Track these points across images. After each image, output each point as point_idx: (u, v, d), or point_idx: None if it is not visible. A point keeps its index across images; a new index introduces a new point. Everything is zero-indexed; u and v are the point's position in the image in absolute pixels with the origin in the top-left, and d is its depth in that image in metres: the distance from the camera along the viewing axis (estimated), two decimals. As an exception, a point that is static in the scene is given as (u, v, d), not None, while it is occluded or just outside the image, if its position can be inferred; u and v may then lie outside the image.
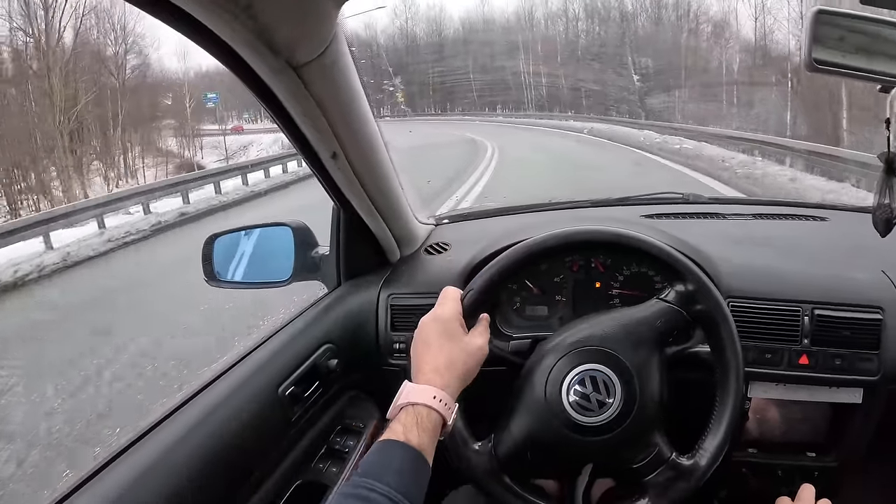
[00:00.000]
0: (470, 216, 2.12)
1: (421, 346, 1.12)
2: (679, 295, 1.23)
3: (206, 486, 1.08)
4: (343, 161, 1.33)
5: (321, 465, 1.39)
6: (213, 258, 1.63)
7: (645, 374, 1.18)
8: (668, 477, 1.17)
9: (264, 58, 0.99)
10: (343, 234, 1.61)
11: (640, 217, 1.83)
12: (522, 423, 1.20)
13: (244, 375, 1.28)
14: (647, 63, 36.82)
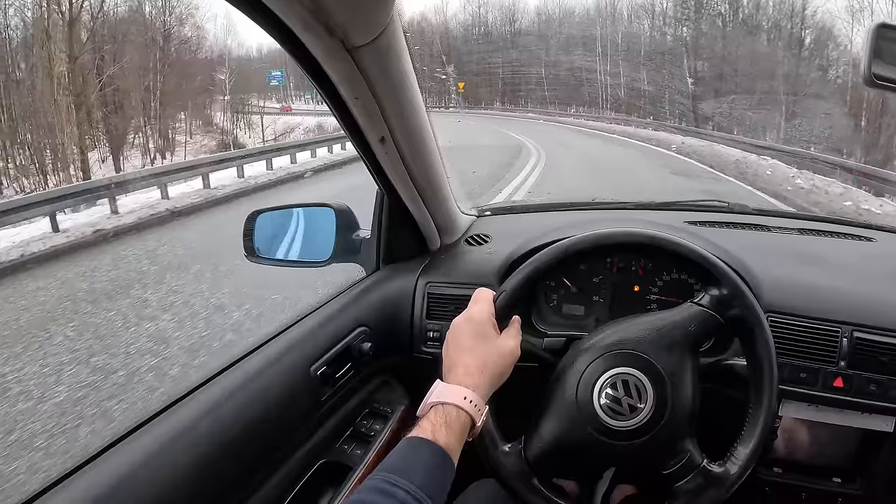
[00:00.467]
0: (513, 210, 2.12)
1: (453, 347, 1.12)
2: (713, 299, 1.21)
3: (235, 455, 1.10)
4: (391, 146, 1.33)
5: (346, 446, 1.41)
6: (255, 234, 1.65)
7: (677, 379, 1.17)
8: (699, 484, 1.15)
9: (321, 39, 0.99)
10: (385, 218, 1.62)
11: (684, 223, 1.81)
12: (553, 426, 1.19)
13: (278, 351, 1.29)
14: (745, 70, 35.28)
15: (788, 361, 1.43)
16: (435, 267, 1.68)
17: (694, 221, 1.84)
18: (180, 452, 1.01)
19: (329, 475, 1.33)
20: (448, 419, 0.99)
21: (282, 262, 1.68)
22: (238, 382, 1.18)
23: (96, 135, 27.97)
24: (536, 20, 53.36)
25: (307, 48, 1.02)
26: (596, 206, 2.17)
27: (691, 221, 1.84)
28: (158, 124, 31.57)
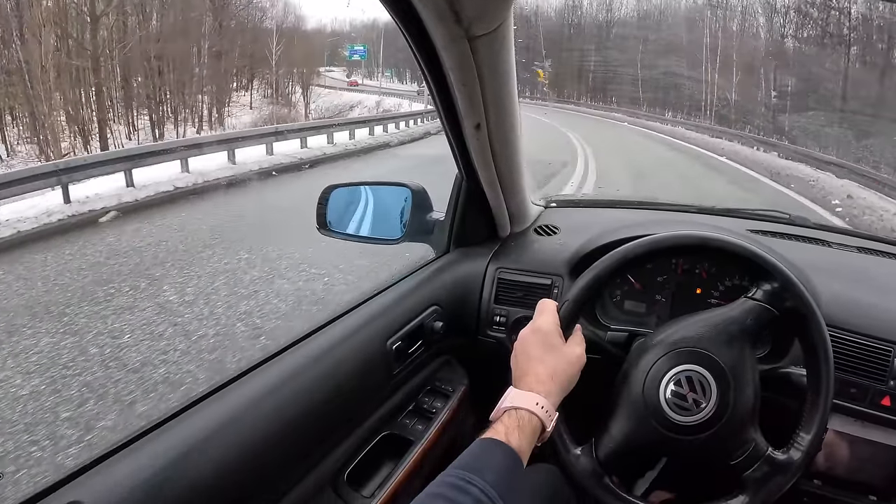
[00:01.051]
0: (579, 204, 2.14)
1: (522, 358, 1.15)
2: (766, 293, 1.23)
3: (315, 419, 1.15)
4: (484, 133, 1.37)
5: (408, 421, 1.45)
6: (328, 208, 1.67)
7: (739, 372, 1.19)
8: (766, 472, 1.18)
9: (446, 25, 1.03)
10: (462, 202, 1.65)
11: (746, 231, 1.83)
12: (621, 425, 1.22)
13: (358, 323, 1.33)
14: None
15: (839, 375, 1.43)
16: (505, 253, 1.70)
17: (756, 230, 1.86)
18: (264, 414, 1.06)
19: (391, 447, 1.37)
20: (521, 423, 1.03)
21: (354, 237, 1.70)
22: (320, 350, 1.22)
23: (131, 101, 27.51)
24: (635, 15, 52.10)
25: (429, 33, 1.06)
26: (659, 207, 2.18)
27: (753, 230, 1.85)
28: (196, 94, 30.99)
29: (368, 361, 1.31)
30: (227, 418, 1.02)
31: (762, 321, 1.22)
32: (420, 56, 1.14)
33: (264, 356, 1.17)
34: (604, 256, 1.27)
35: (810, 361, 1.23)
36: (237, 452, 1.00)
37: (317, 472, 1.20)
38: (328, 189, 1.69)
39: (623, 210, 2.11)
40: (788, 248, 1.71)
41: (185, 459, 0.94)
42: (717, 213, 2.07)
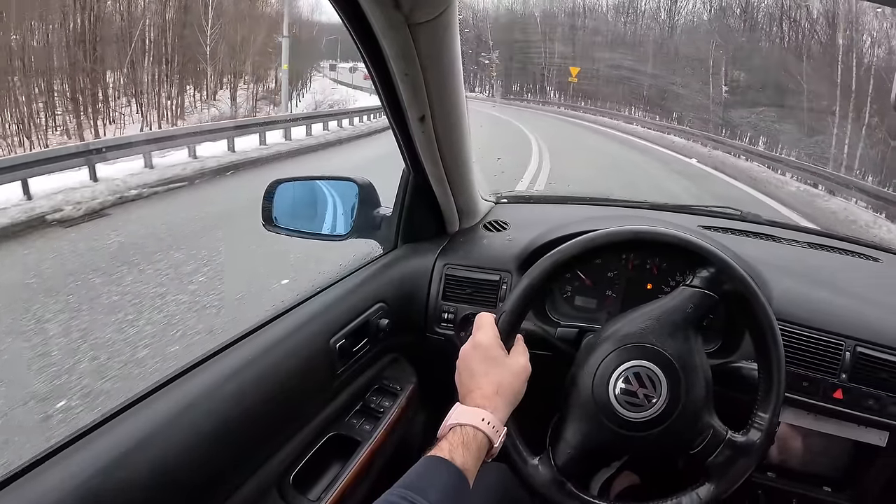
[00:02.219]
0: (530, 199, 2.13)
1: (466, 375, 1.14)
2: (704, 279, 1.23)
3: (255, 421, 1.12)
4: (429, 125, 1.34)
5: (355, 420, 1.42)
6: (274, 203, 1.64)
7: (686, 362, 1.19)
8: (728, 456, 1.18)
9: (385, 11, 1.00)
10: (409, 197, 1.62)
11: (698, 227, 1.83)
12: (576, 429, 1.20)
13: (300, 322, 1.30)
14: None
15: (792, 369, 1.45)
16: (453, 249, 1.68)
17: (708, 226, 1.87)
18: (202, 415, 1.02)
19: (338, 447, 1.34)
20: (465, 440, 1.01)
21: (300, 233, 1.67)
22: (260, 349, 1.19)
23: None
24: (581, 12, 50.68)
25: (368, 19, 1.03)
26: (610, 203, 2.18)
27: (705, 226, 1.86)
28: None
29: (310, 360, 1.28)
30: (163, 423, 0.98)
31: (703, 307, 1.22)
32: (360, 43, 1.11)
33: (200, 357, 1.13)
34: (537, 262, 1.26)
35: (758, 341, 1.23)
36: (175, 456, 0.97)
37: (261, 475, 1.16)
38: (274, 184, 1.65)
39: (574, 206, 2.10)
40: (740, 244, 1.72)
41: (118, 466, 0.90)
42: (669, 210, 2.08)
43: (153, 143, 12.91)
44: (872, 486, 1.56)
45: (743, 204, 3.61)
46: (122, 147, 12.37)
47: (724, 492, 1.17)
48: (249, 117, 23.91)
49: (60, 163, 10.64)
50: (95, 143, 12.05)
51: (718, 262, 1.22)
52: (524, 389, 1.15)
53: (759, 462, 1.20)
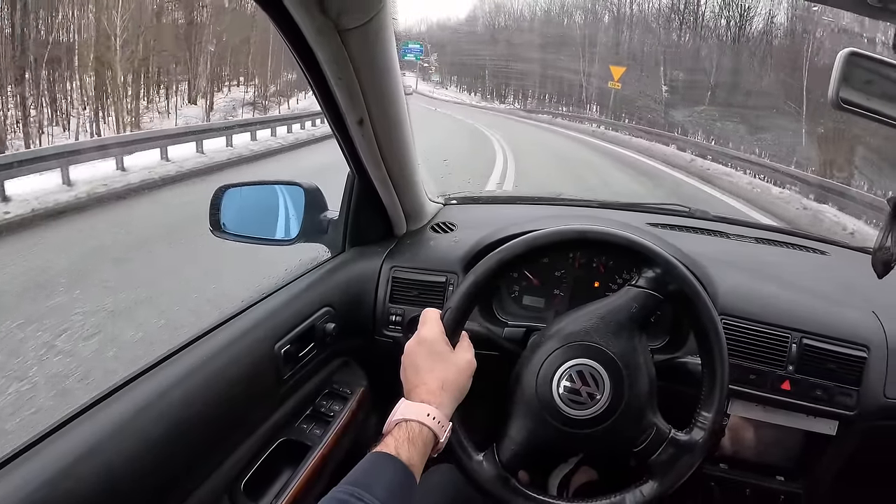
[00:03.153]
0: (479, 200, 2.13)
1: (411, 370, 1.14)
2: (649, 279, 1.24)
3: (202, 429, 1.10)
4: (368, 128, 1.34)
5: (305, 425, 1.41)
6: (222, 208, 1.62)
7: (630, 361, 1.20)
8: (671, 454, 1.19)
9: (313, 17, 1.00)
10: (354, 201, 1.62)
11: (646, 224, 1.85)
12: (520, 426, 1.21)
13: (244, 328, 1.29)
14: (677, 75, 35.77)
15: (739, 363, 1.48)
16: (400, 252, 1.68)
17: (656, 223, 1.88)
18: (148, 425, 1.01)
19: (288, 453, 1.34)
20: (411, 435, 1.02)
21: (247, 238, 1.65)
22: (205, 356, 1.17)
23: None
24: (527, 17, 53.28)
25: (297, 25, 1.03)
26: (560, 202, 2.19)
27: (653, 223, 1.88)
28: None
29: (256, 366, 1.27)
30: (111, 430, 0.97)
31: (648, 307, 1.24)
32: (293, 48, 1.11)
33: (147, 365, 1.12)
34: (482, 260, 1.27)
35: (702, 341, 1.25)
36: (123, 464, 0.95)
37: (211, 482, 1.15)
38: (221, 189, 1.64)
39: (523, 206, 2.11)
40: (687, 241, 1.75)
41: (66, 476, 0.88)
42: (617, 208, 2.10)
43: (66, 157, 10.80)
44: (824, 475, 1.59)
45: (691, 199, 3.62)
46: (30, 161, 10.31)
47: (668, 489, 1.19)
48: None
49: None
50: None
51: (663, 263, 1.24)
52: (469, 385, 1.16)
53: (703, 459, 1.22)
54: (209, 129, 15.82)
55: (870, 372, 1.50)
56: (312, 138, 18.75)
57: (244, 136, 16.80)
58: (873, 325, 1.57)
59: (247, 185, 1.68)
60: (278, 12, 1.00)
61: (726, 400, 1.26)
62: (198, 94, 28.74)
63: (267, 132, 18.07)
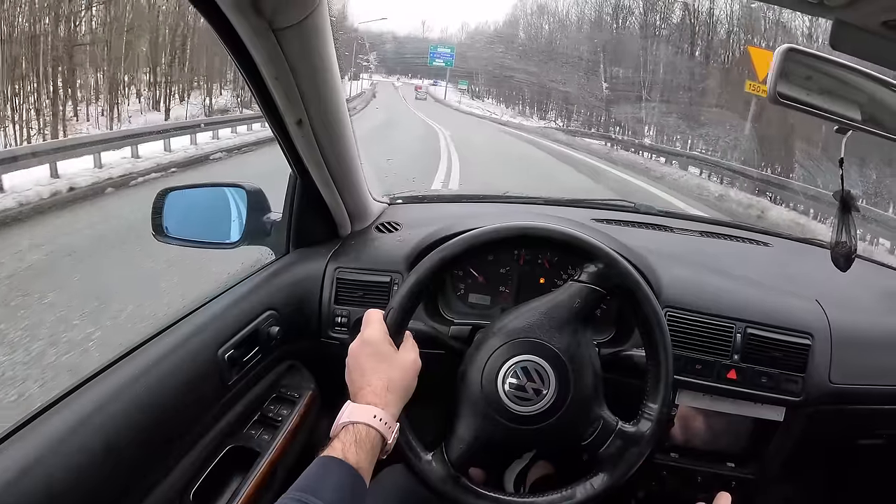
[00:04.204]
0: (424, 199, 2.13)
1: (356, 373, 1.14)
2: (591, 274, 1.26)
3: (145, 439, 1.08)
4: (307, 129, 1.33)
5: (253, 431, 1.40)
6: (164, 212, 1.59)
7: (574, 356, 1.21)
8: (619, 446, 1.21)
9: (247, 17, 0.99)
10: (297, 202, 1.60)
11: (591, 220, 1.87)
12: (467, 424, 1.22)
13: (185, 335, 1.26)
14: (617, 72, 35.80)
15: (685, 354, 1.51)
16: (345, 252, 1.67)
17: (600, 219, 1.91)
18: (89, 436, 0.99)
19: (237, 460, 1.32)
20: (358, 438, 1.01)
21: (191, 242, 1.63)
22: (146, 365, 1.15)
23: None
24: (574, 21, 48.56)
25: (232, 24, 1.01)
26: (506, 200, 2.20)
27: (598, 219, 1.90)
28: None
29: (199, 372, 1.25)
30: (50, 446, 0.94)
31: (591, 302, 1.25)
32: (229, 49, 1.09)
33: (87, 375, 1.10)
34: (424, 258, 1.27)
35: (645, 334, 1.27)
36: (64, 480, 0.93)
37: (158, 493, 1.13)
38: (163, 192, 1.61)
39: (468, 204, 2.11)
40: (631, 235, 1.76)
41: (3, 493, 0.86)
42: (563, 204, 2.12)
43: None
44: (774, 459, 1.63)
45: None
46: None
47: (619, 481, 1.20)
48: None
49: None
50: None
51: (604, 257, 1.25)
52: (415, 384, 1.16)
53: (654, 449, 1.23)
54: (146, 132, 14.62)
55: (814, 358, 1.54)
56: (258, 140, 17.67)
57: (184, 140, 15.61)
58: (816, 313, 1.61)
59: (189, 188, 1.66)
60: (212, 12, 0.99)
61: (672, 391, 1.28)
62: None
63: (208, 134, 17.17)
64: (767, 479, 1.67)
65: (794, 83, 1.16)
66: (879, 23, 0.86)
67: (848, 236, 1.28)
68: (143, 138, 13.84)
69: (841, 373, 1.57)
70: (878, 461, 1.97)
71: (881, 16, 0.84)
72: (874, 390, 1.62)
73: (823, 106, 1.18)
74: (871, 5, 0.83)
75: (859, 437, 1.79)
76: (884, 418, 1.68)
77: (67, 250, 7.20)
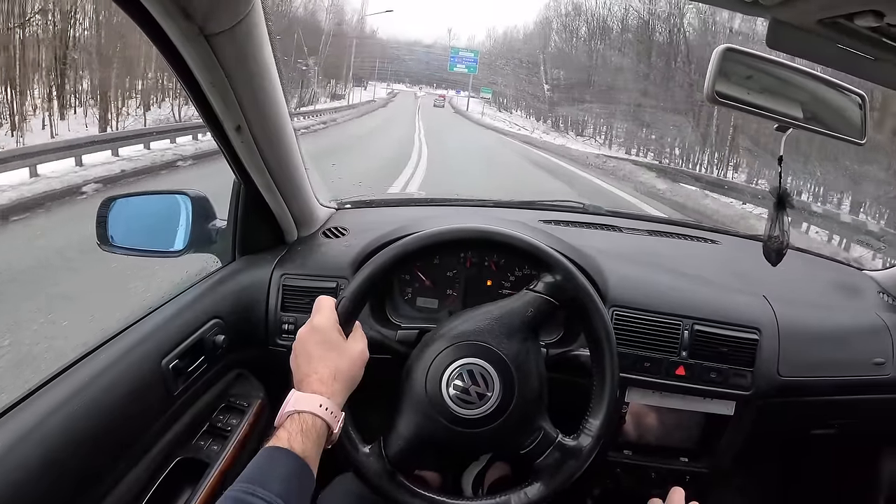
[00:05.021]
0: (373, 203, 2.12)
1: (303, 359, 1.13)
2: (547, 285, 1.26)
3: (90, 452, 1.07)
4: (247, 135, 1.31)
5: (202, 442, 1.38)
6: (109, 221, 1.56)
7: (521, 363, 1.22)
8: (557, 458, 1.21)
9: (177, 23, 0.97)
10: (242, 208, 1.59)
11: (539, 222, 1.88)
12: (408, 421, 1.22)
13: (128, 345, 1.25)
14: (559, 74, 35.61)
15: (633, 352, 1.53)
16: (291, 259, 1.66)
17: (549, 220, 1.92)
18: (28, 452, 0.97)
19: (187, 472, 1.31)
20: (304, 427, 1.01)
21: (136, 251, 1.60)
22: (88, 377, 1.14)
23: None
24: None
25: (164, 30, 1.00)
26: (454, 203, 2.21)
27: (546, 220, 1.91)
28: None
29: (143, 383, 1.23)
30: None
31: (543, 312, 1.25)
32: (164, 55, 1.07)
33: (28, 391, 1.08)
34: (380, 251, 1.26)
35: (594, 351, 1.27)
36: (3, 498, 0.91)
37: None
38: (107, 201, 1.58)
39: (416, 208, 2.11)
40: (579, 236, 1.78)
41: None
42: (512, 207, 2.13)
43: None
44: (726, 452, 1.65)
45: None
46: None
47: (553, 492, 1.21)
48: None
49: None
50: None
51: (563, 270, 1.26)
52: (361, 374, 1.16)
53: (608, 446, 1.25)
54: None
55: (762, 353, 1.57)
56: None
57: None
58: (764, 308, 1.64)
59: (134, 196, 1.63)
60: (144, 18, 0.97)
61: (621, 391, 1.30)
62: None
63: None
64: (721, 473, 1.70)
65: (735, 82, 1.18)
66: (815, 21, 0.87)
67: (781, 231, 1.30)
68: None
69: (789, 366, 1.61)
70: (830, 451, 2.01)
71: (817, 14, 0.86)
72: (822, 382, 1.66)
73: (765, 105, 1.20)
74: (806, 4, 0.84)
75: (812, 427, 1.83)
76: (834, 408, 1.73)
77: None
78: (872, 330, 1.76)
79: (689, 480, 1.67)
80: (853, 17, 0.83)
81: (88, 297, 5.60)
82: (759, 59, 1.19)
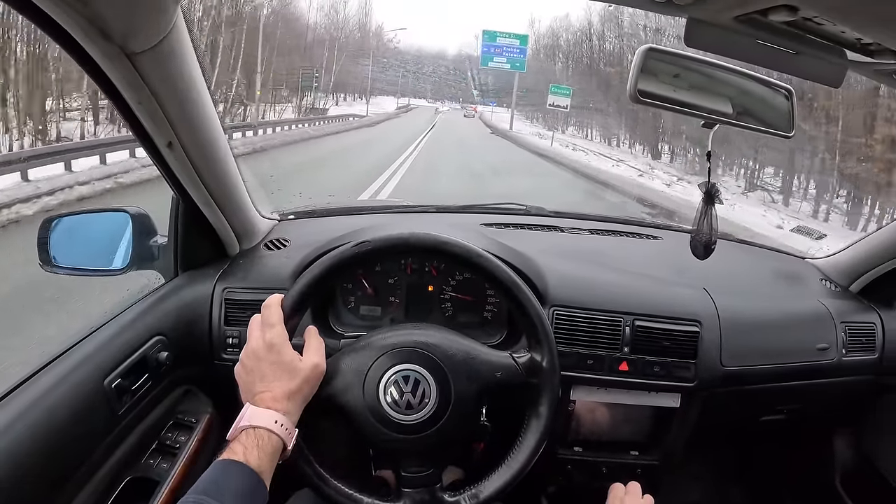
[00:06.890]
0: (314, 213, 2.11)
1: (256, 376, 1.12)
2: (531, 363, 1.27)
3: (35, 477, 1.06)
4: (179, 151, 1.30)
5: (152, 460, 1.38)
6: (50, 242, 1.55)
7: (462, 398, 1.23)
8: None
9: (97, 44, 0.97)
10: (181, 224, 1.57)
11: (480, 226, 1.90)
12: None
13: (68, 367, 1.24)
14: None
15: (576, 350, 1.55)
16: (233, 272, 1.65)
17: (490, 224, 1.94)
18: None
19: (138, 491, 1.30)
20: (260, 442, 1.01)
21: (78, 270, 1.59)
22: (29, 401, 1.12)
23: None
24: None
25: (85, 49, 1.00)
26: (397, 210, 2.22)
27: (488, 224, 1.93)
28: None
29: (86, 404, 1.22)
30: None
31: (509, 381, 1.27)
32: (89, 74, 1.07)
33: None
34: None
35: (527, 423, 1.28)
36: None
37: None
38: (48, 220, 1.56)
39: (359, 216, 2.11)
40: (520, 238, 1.80)
41: None
42: (453, 211, 2.14)
43: None
44: (675, 443, 1.69)
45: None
46: None
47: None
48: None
49: None
50: None
51: (549, 355, 1.27)
52: (316, 389, 1.16)
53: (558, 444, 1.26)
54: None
55: (704, 344, 1.60)
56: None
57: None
58: (704, 301, 1.68)
59: (74, 215, 1.63)
60: (66, 40, 0.97)
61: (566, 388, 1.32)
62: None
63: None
64: (675, 462, 1.73)
65: (663, 81, 1.20)
66: (731, 18, 0.90)
67: (709, 226, 1.33)
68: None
69: (731, 356, 1.65)
70: (780, 435, 2.06)
71: (732, 11, 0.88)
72: (765, 369, 1.70)
73: (693, 102, 1.22)
74: (721, 1, 0.86)
75: (761, 414, 1.87)
76: (781, 395, 1.77)
77: None
78: (815, 317, 1.81)
79: (640, 473, 1.70)
80: (768, 13, 0.85)
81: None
82: (685, 57, 1.21)
